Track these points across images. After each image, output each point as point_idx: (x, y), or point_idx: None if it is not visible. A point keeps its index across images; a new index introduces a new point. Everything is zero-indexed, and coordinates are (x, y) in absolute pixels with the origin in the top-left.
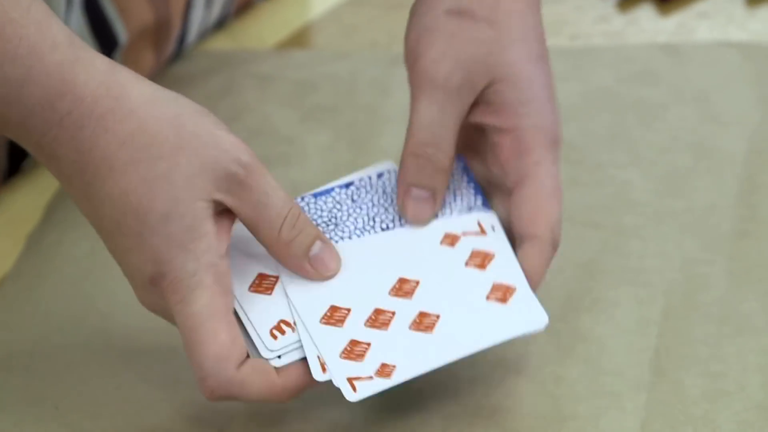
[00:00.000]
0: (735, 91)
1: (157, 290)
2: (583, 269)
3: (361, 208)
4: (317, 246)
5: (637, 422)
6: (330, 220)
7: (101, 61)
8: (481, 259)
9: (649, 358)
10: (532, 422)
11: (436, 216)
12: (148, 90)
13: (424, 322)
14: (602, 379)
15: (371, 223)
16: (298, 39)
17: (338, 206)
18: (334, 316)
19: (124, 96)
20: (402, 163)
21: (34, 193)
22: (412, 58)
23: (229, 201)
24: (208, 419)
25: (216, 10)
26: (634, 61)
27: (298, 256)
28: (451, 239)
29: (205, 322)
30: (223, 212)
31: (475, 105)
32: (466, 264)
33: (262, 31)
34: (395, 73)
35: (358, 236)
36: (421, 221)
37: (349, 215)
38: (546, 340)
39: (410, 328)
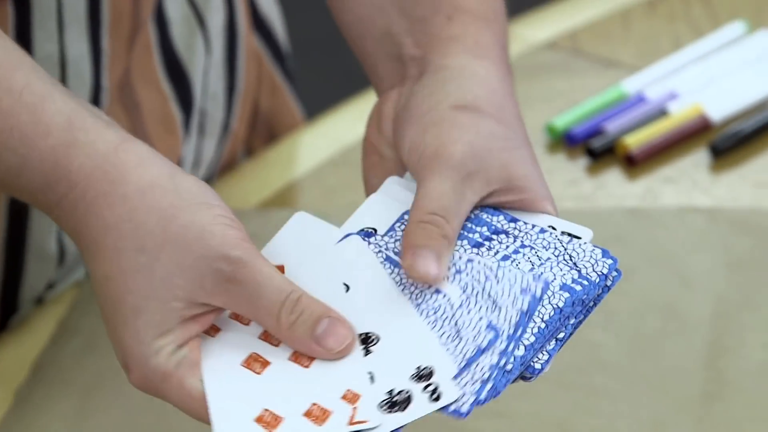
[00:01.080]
0: (701, 256)
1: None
2: (555, 430)
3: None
4: (323, 324)
5: None
6: None
7: (106, 141)
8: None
9: None
10: None
11: (443, 278)
12: (151, 175)
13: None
14: None
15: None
16: (281, 199)
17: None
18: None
19: (119, 181)
20: (406, 232)
21: (22, 348)
22: (417, 153)
23: (216, 300)
24: None
25: (202, 171)
26: (605, 225)
27: (303, 338)
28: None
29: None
30: (205, 314)
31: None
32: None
33: (245, 190)
34: None
35: None
36: (429, 279)
37: None
38: None
39: None
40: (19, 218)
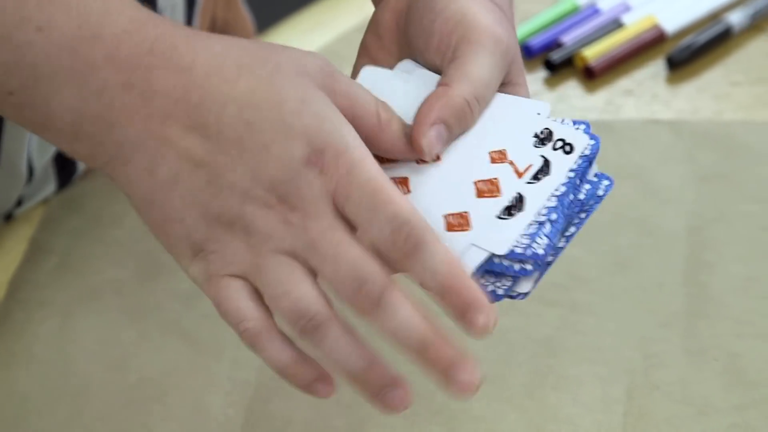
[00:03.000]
0: (668, 168)
1: (312, 171)
2: (543, 346)
3: None
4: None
5: None
6: None
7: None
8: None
9: None
10: None
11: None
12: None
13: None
14: None
15: None
16: None
17: None
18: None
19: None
20: (444, 98)
21: None
22: (464, 21)
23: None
24: None
25: None
26: None
27: (398, 134)
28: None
29: (387, 182)
30: None
31: None
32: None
33: None
34: None
35: None
36: (431, 156)
37: None
38: (516, 417)
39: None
40: None
